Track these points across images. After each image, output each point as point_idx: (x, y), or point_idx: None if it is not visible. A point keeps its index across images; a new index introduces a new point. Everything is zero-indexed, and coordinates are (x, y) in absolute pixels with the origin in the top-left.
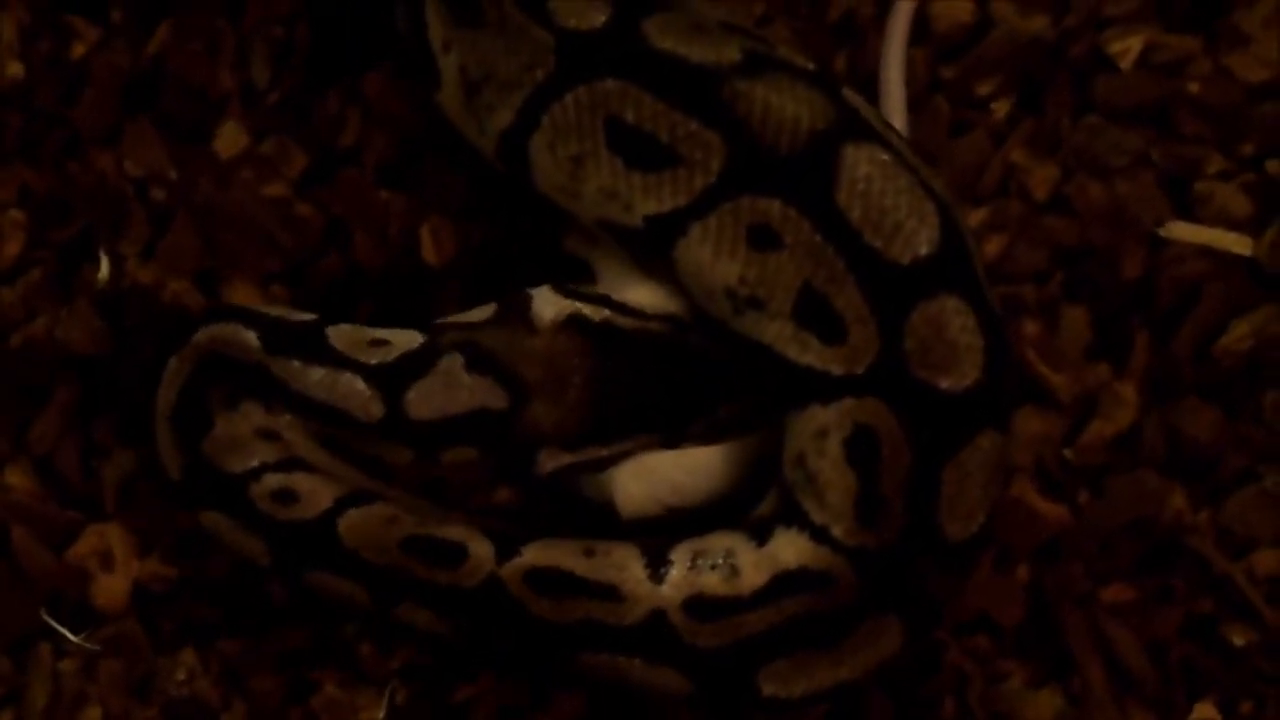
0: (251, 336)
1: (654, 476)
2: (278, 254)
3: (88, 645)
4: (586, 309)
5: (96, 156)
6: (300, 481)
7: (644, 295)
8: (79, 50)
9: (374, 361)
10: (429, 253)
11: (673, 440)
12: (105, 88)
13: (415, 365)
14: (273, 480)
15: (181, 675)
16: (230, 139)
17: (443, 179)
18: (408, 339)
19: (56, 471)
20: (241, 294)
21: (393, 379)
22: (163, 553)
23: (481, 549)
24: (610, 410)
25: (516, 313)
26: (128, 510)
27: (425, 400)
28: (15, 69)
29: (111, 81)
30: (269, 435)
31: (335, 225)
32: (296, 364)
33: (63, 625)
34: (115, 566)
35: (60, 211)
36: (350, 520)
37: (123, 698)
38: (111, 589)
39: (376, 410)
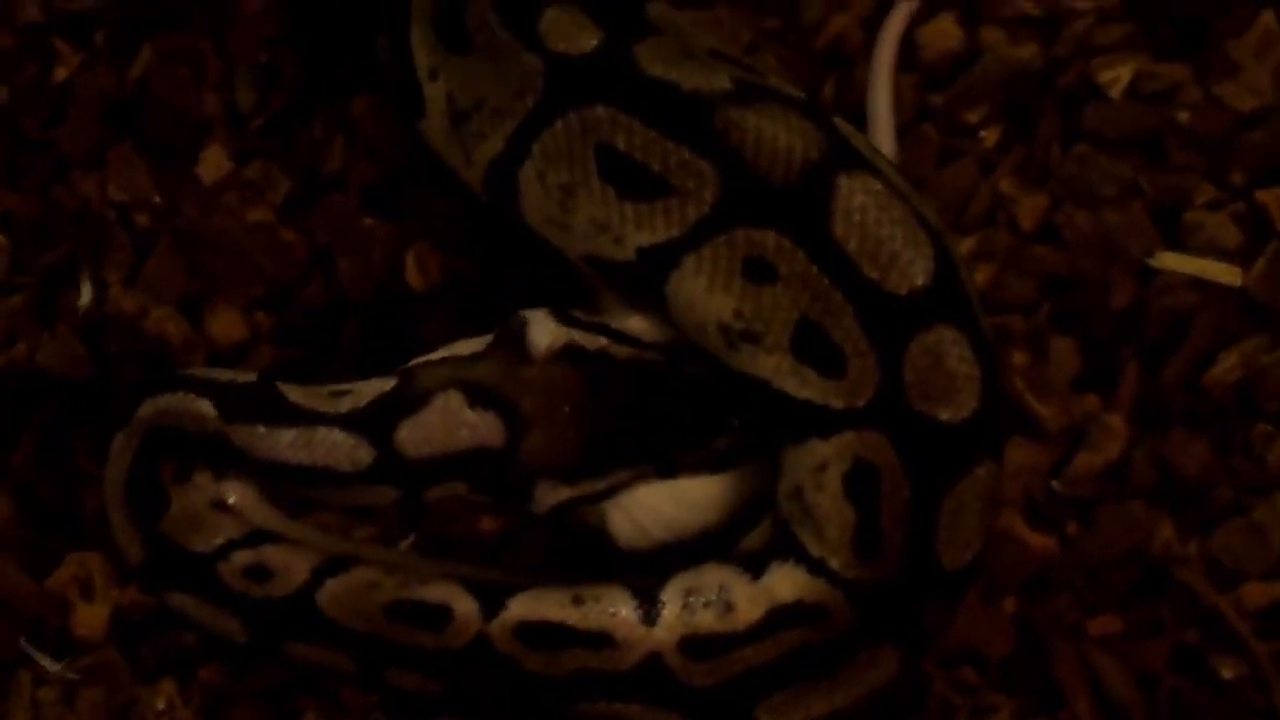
0: (206, 405)
1: (648, 508)
2: (261, 280)
3: (68, 674)
4: (583, 337)
5: (80, 181)
6: (271, 555)
7: (640, 324)
8: (62, 73)
9: (344, 410)
10: (414, 279)
11: (667, 471)
12: (88, 111)
13: (399, 405)
14: (242, 557)
15: (161, 705)
16: (214, 163)
17: (428, 205)
18: (375, 385)
19: (36, 498)
20: (225, 320)
21: (375, 421)
22: (142, 589)
23: (467, 607)
24: (606, 440)
25: (512, 341)
26: (108, 538)
27: (420, 438)
28: None
29: (95, 105)
30: (222, 507)
31: (320, 251)
32: (261, 429)
33: (43, 653)
34: (95, 595)
35: (43, 236)
36: (330, 591)
37: None
38: (92, 617)
39: (364, 456)
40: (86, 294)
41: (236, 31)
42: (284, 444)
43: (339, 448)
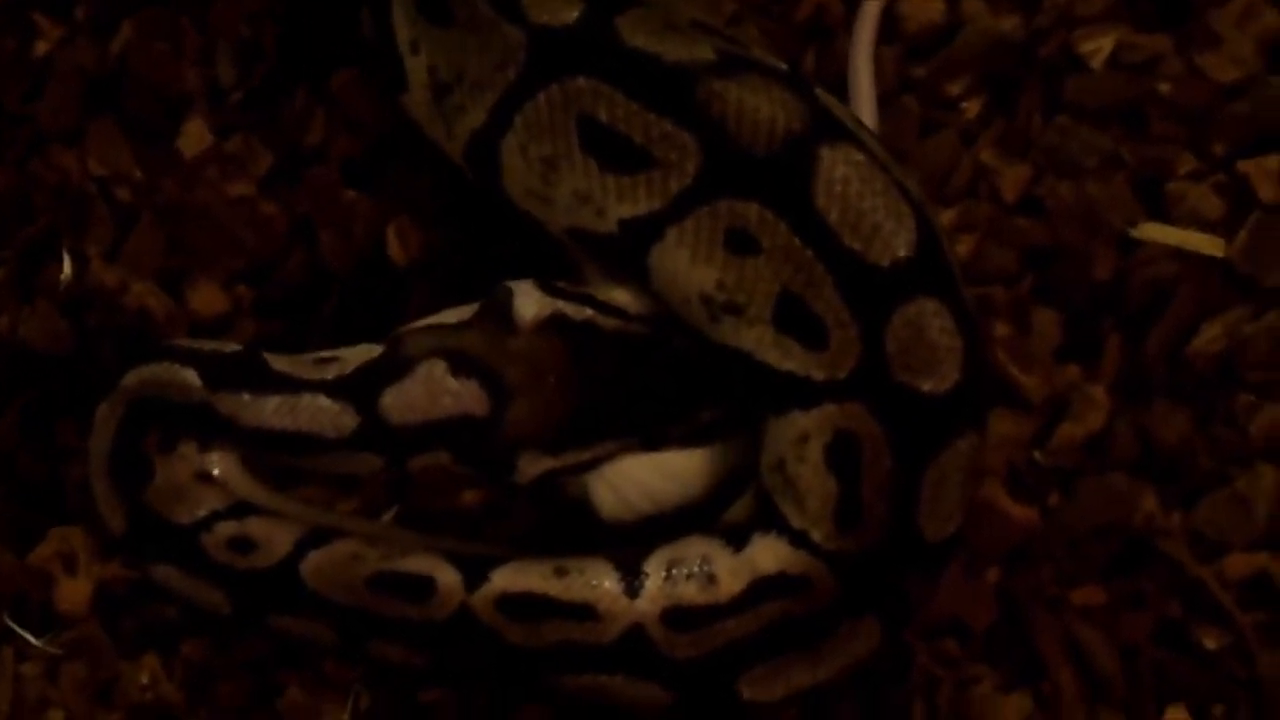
0: (191, 374)
1: (631, 480)
2: (243, 254)
3: (50, 649)
4: (569, 308)
5: (60, 155)
6: (255, 527)
7: (625, 296)
8: (42, 48)
9: (330, 376)
10: (395, 253)
11: (653, 443)
12: (68, 86)
13: (384, 373)
14: (226, 529)
15: (145, 679)
16: (195, 138)
17: (410, 179)
18: (362, 351)
19: (18, 473)
20: (206, 294)
21: (360, 388)
22: (124, 558)
23: (449, 579)
24: (590, 412)
25: (497, 311)
26: (90, 513)
27: (404, 405)
28: None
29: (75, 79)
30: (206, 478)
31: (301, 225)
32: (246, 397)
33: (25, 628)
34: (78, 569)
35: (23, 210)
36: (313, 562)
37: (86, 702)
38: (74, 592)
39: (348, 422)
40: (67, 268)
41: (217, 6)
42: (269, 410)
43: (323, 413)
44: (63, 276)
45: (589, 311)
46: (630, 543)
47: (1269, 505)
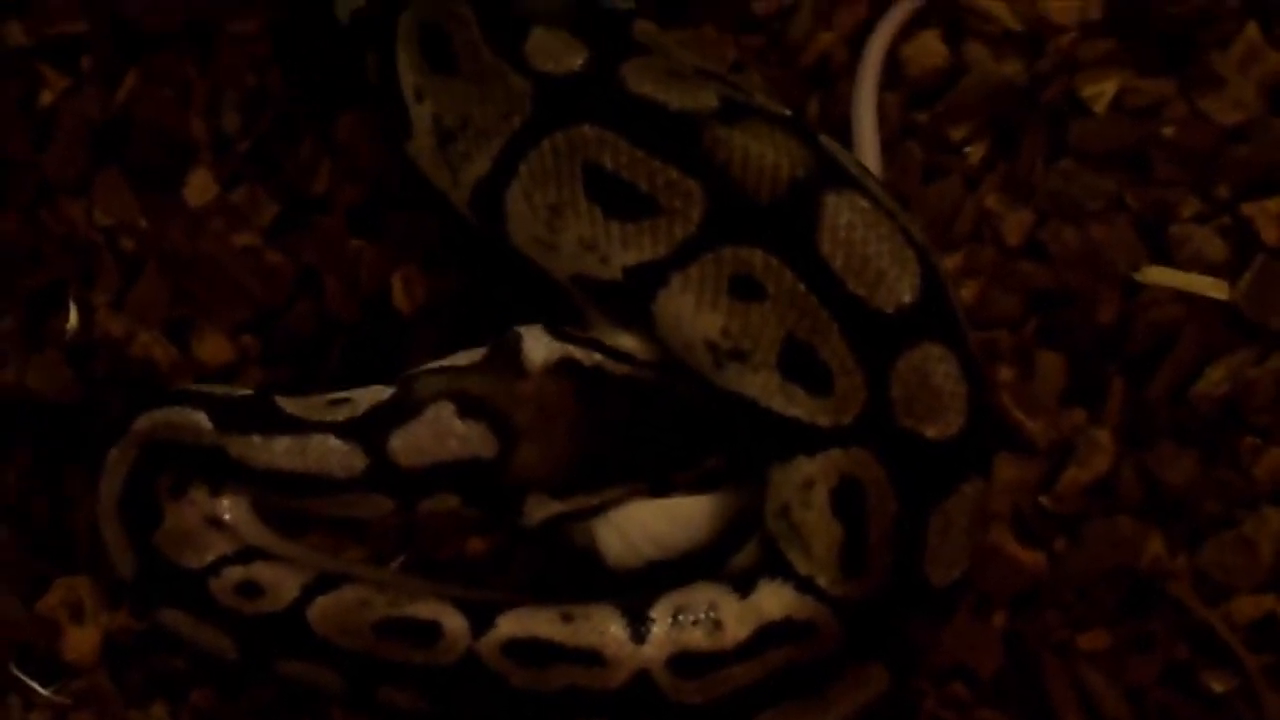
0: (202, 417)
1: (638, 526)
2: (248, 303)
3: (57, 698)
4: (578, 353)
5: (66, 205)
6: (262, 572)
7: (632, 342)
8: (48, 98)
9: (341, 418)
10: (400, 301)
11: (659, 489)
12: (74, 135)
13: (394, 414)
14: (234, 574)
15: None
16: (201, 187)
17: (414, 227)
18: (374, 393)
19: (25, 522)
20: (212, 344)
21: (369, 429)
22: (132, 606)
23: (456, 624)
24: (597, 457)
25: (506, 356)
26: (98, 562)
27: (412, 448)
28: None
29: (81, 129)
30: (216, 523)
31: (306, 274)
32: (257, 439)
33: (32, 678)
34: (85, 619)
35: (30, 260)
36: (320, 608)
37: None
38: (81, 641)
39: (358, 463)
40: (73, 318)
41: (222, 55)
42: (279, 451)
43: (333, 454)
44: (69, 326)
45: (598, 357)
46: (636, 589)
47: (1275, 547)
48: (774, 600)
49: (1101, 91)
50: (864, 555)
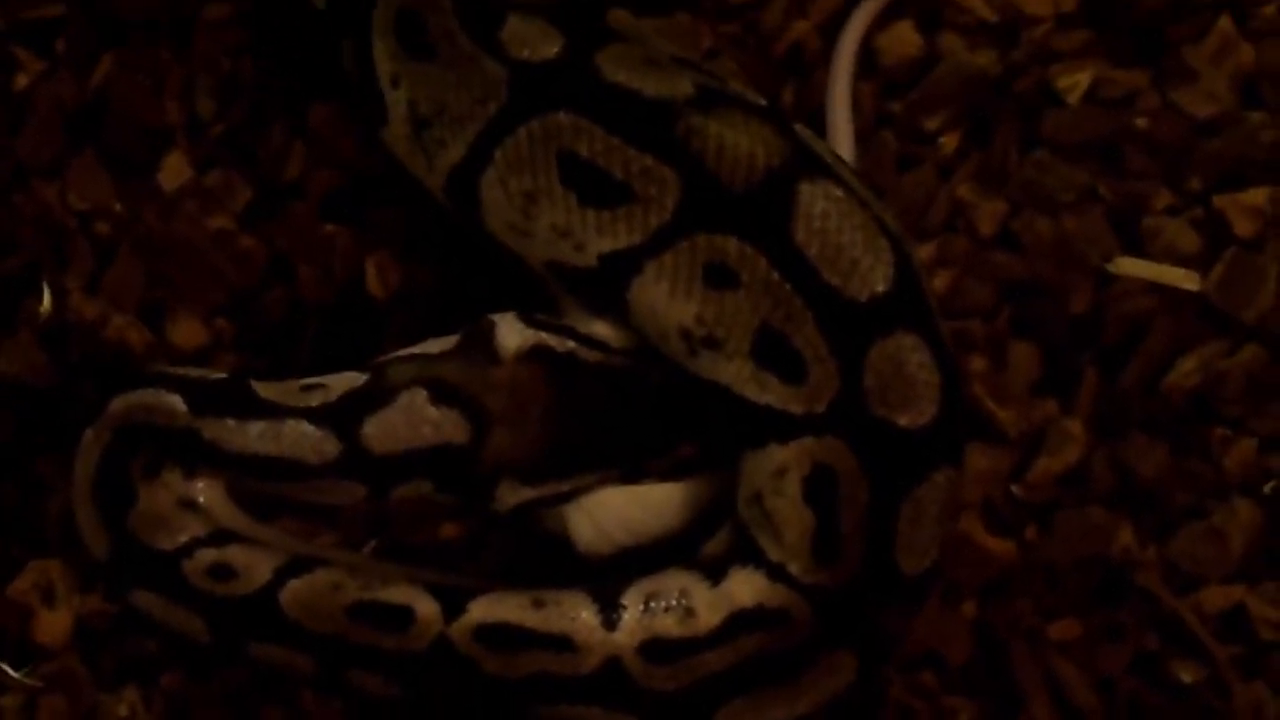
0: (176, 400)
1: (610, 512)
2: (222, 287)
3: (29, 681)
4: (551, 340)
5: (40, 188)
6: (235, 555)
7: (606, 329)
8: (22, 81)
9: (315, 404)
10: (374, 287)
11: (632, 476)
12: (49, 119)
13: (366, 401)
14: (206, 555)
15: (124, 711)
16: (175, 171)
17: (388, 213)
18: (347, 379)
19: None
20: (186, 328)
21: (343, 416)
22: (104, 588)
23: (428, 609)
24: (570, 444)
25: (480, 342)
26: (69, 545)
27: (385, 434)
28: None
29: (55, 113)
30: (189, 505)
31: (280, 259)
32: (231, 422)
33: (4, 661)
34: (57, 602)
35: (3, 244)
36: (292, 591)
37: None
38: (53, 625)
39: (331, 449)
40: (47, 301)
41: (197, 40)
42: (252, 436)
43: (306, 439)
44: (42, 309)
45: (571, 344)
46: (608, 575)
47: (1245, 538)
48: (745, 587)
49: (1075, 83)
50: (836, 543)
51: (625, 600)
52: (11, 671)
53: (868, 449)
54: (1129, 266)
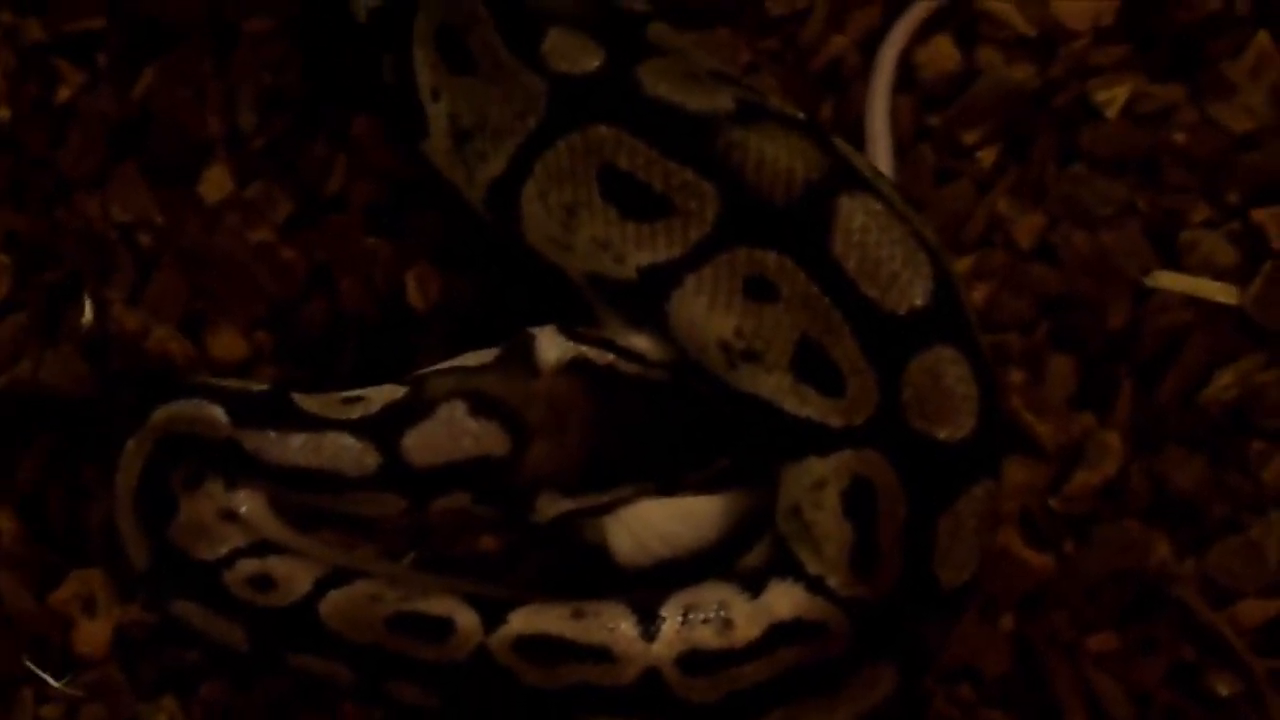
0: (218, 412)
1: (648, 524)
2: (263, 299)
3: (69, 690)
4: (591, 353)
5: (83, 201)
6: (275, 566)
7: (645, 342)
8: (65, 94)
9: (355, 416)
10: (415, 299)
11: (669, 489)
12: (91, 132)
13: (407, 413)
14: (247, 566)
15: None
16: (216, 184)
17: (429, 225)
18: (387, 392)
19: (39, 516)
20: (227, 339)
21: (383, 428)
22: (145, 598)
23: (468, 620)
24: (609, 456)
25: (519, 355)
26: (111, 556)
27: (425, 446)
28: (1, 112)
29: (97, 125)
30: (231, 516)
31: (320, 271)
32: (272, 434)
33: (45, 670)
34: (98, 612)
35: (46, 255)
36: (332, 602)
37: None
38: (94, 634)
39: (371, 461)
40: (89, 313)
41: (239, 52)
42: (293, 448)
43: (346, 451)
44: (84, 321)
45: (610, 356)
46: (647, 587)
47: None
48: (784, 600)
49: (1113, 97)
50: (874, 556)
51: (664, 612)
52: (52, 681)
53: (906, 462)
54: (1167, 280)
